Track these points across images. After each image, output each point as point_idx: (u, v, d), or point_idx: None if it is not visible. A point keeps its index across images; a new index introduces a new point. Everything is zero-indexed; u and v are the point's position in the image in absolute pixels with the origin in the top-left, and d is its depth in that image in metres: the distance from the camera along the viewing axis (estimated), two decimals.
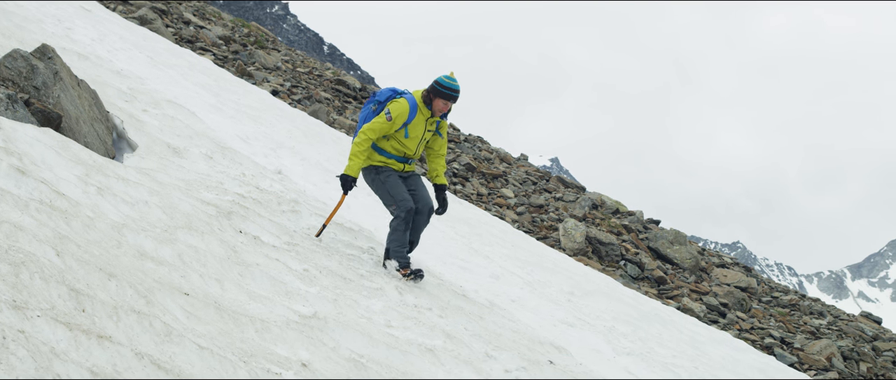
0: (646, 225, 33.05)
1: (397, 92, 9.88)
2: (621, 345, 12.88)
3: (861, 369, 25.16)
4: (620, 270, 26.11)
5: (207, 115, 15.65)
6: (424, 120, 9.71)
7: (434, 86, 9.56)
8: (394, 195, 9.66)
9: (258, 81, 31.12)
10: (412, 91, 9.85)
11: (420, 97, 9.67)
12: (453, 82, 9.55)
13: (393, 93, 9.87)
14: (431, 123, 9.81)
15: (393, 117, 9.49)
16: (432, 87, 9.57)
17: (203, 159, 11.18)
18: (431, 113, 9.69)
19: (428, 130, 9.82)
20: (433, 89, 9.55)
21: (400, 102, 9.59)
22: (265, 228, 9.21)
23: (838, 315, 32.91)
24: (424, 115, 9.68)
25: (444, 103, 9.58)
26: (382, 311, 8.30)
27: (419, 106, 9.64)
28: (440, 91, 9.51)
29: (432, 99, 9.59)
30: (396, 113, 9.50)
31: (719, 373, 14.06)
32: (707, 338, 17.95)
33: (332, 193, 14.42)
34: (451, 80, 9.55)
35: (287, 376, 5.47)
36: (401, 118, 9.53)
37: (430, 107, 9.65)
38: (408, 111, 9.55)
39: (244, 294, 6.88)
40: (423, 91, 9.68)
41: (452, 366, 7.56)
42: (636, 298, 19.63)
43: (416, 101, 9.65)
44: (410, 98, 9.67)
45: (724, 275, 29.96)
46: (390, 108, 9.55)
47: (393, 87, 10.00)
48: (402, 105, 9.55)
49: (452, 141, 36.33)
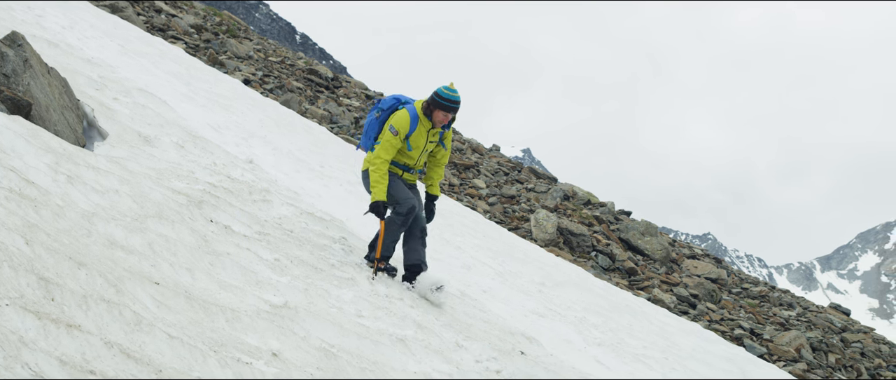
0: (617, 216, 33.13)
1: (400, 101, 9.80)
2: (592, 336, 12.92)
3: (829, 360, 25.32)
4: (591, 261, 26.18)
5: (179, 103, 15.58)
6: (426, 131, 9.59)
7: (434, 97, 9.43)
8: (395, 195, 9.56)
9: (230, 70, 31.03)
10: (415, 101, 9.75)
11: (421, 108, 9.55)
12: (453, 94, 9.41)
13: (395, 101, 9.79)
14: (433, 134, 9.68)
15: (398, 131, 9.40)
16: (432, 99, 9.44)
17: (174, 148, 11.14)
18: (432, 124, 9.58)
19: (430, 141, 9.70)
20: (433, 101, 9.43)
21: (400, 114, 9.48)
22: (236, 218, 9.19)
23: (807, 307, 33.09)
24: (425, 126, 9.56)
25: (444, 115, 9.45)
26: (353, 301, 8.29)
27: (420, 117, 9.52)
28: (440, 102, 9.38)
29: (432, 110, 9.47)
30: (399, 125, 9.41)
31: (688, 363, 14.12)
32: (677, 329, 18.03)
33: (304, 182, 14.38)
34: (450, 91, 9.41)
35: (257, 365, 5.47)
36: (404, 130, 9.43)
37: (430, 118, 9.54)
38: (409, 123, 9.44)
39: (215, 283, 6.86)
40: (423, 102, 9.58)
41: (423, 356, 7.56)
42: (607, 289, 19.70)
43: (416, 112, 9.53)
44: (411, 109, 9.54)
45: (695, 266, 30.09)
46: (392, 122, 9.45)
47: (396, 95, 9.93)
48: (403, 117, 9.44)
49: None
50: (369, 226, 13.13)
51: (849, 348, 27.97)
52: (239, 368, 5.28)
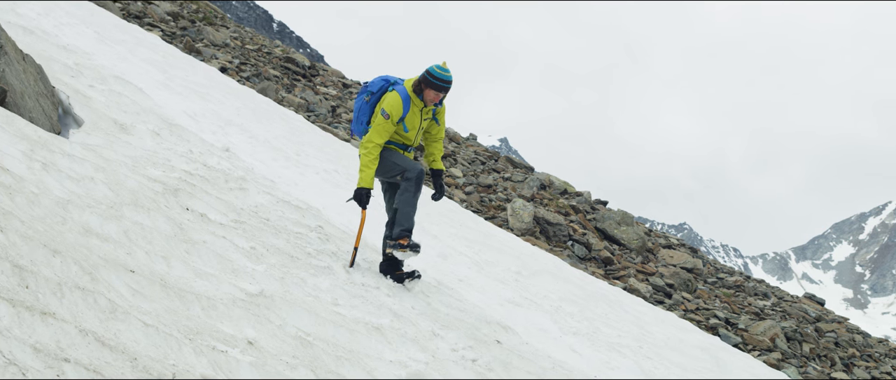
0: (593, 206, 33.20)
1: (388, 81, 9.70)
2: (568, 325, 12.95)
3: (804, 350, 25.46)
4: (568, 251, 26.24)
5: (155, 91, 15.54)
6: (419, 110, 9.50)
7: (425, 76, 9.32)
8: (399, 163, 9.47)
9: (206, 58, 30.93)
10: (404, 80, 9.64)
11: (411, 87, 9.44)
12: (445, 73, 9.31)
13: (384, 83, 9.69)
14: (426, 111, 9.60)
15: (390, 115, 9.26)
16: (423, 78, 9.34)
17: (150, 136, 11.11)
18: (424, 103, 9.49)
19: (424, 118, 9.61)
20: (424, 80, 9.32)
21: (392, 97, 9.35)
22: (212, 206, 9.17)
23: (782, 296, 33.27)
24: (417, 106, 9.47)
25: (435, 94, 9.34)
26: (330, 289, 8.30)
27: (411, 98, 9.41)
28: (431, 82, 9.27)
29: (423, 89, 9.37)
30: (391, 108, 9.28)
31: (663, 352, 14.18)
32: (652, 318, 18.09)
33: (280, 170, 14.37)
34: (442, 70, 9.31)
35: (233, 353, 5.46)
36: (396, 114, 9.30)
37: (421, 97, 9.44)
38: (401, 106, 9.32)
39: (190, 272, 6.85)
40: (414, 81, 9.47)
41: (399, 345, 7.57)
42: (583, 278, 19.74)
43: (407, 92, 9.40)
44: (402, 91, 9.41)
45: (671, 256, 30.19)
46: (384, 106, 9.32)
47: (384, 77, 9.82)
48: (395, 101, 9.31)
49: None
50: (345, 215, 13.12)
51: (823, 337, 28.13)
52: (214, 356, 5.28)
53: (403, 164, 9.45)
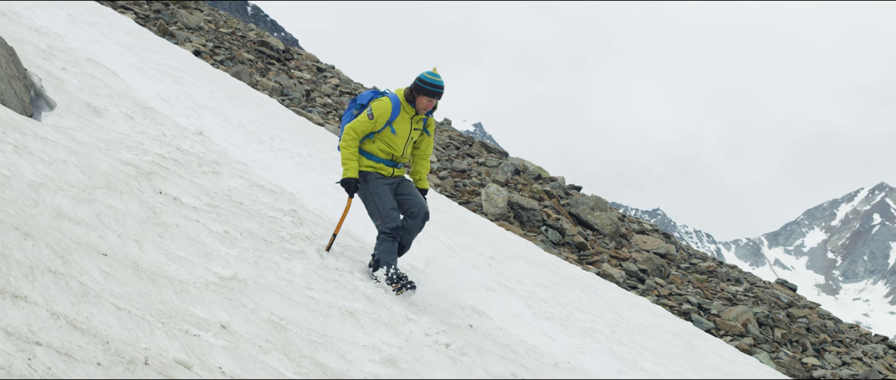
0: (567, 191, 33.28)
1: (379, 93, 9.61)
2: (541, 309, 12.98)
3: (776, 335, 25.62)
4: (541, 236, 26.29)
5: (128, 74, 15.46)
6: (409, 118, 9.38)
7: (416, 82, 9.23)
8: (380, 210, 9.33)
9: (180, 41, 30.80)
10: (395, 90, 9.52)
11: (403, 95, 9.35)
12: (436, 78, 9.21)
13: (375, 94, 9.61)
14: (417, 120, 9.48)
15: (375, 116, 9.18)
16: (415, 85, 9.25)
17: (123, 119, 11.05)
18: (416, 111, 9.37)
19: (414, 128, 9.48)
20: (415, 86, 9.23)
21: (382, 100, 9.29)
22: (185, 189, 9.14)
23: (755, 282, 33.47)
24: (408, 113, 9.35)
25: (427, 100, 9.23)
26: (303, 273, 8.29)
27: (403, 104, 9.32)
28: (423, 88, 9.18)
29: (415, 96, 9.26)
30: (379, 112, 9.20)
31: (636, 337, 14.23)
32: (626, 303, 18.16)
33: (254, 154, 14.33)
34: (433, 76, 9.21)
35: (206, 337, 5.45)
36: (384, 116, 9.22)
37: (413, 104, 9.33)
38: (390, 109, 9.24)
39: (163, 255, 6.83)
40: (405, 89, 9.38)
41: (373, 329, 7.57)
42: (556, 263, 19.79)
43: (398, 99, 9.33)
44: (393, 96, 9.35)
45: (644, 241, 30.29)
46: (372, 106, 9.26)
47: (375, 89, 9.76)
48: (385, 103, 9.25)
49: None
50: (319, 199, 13.11)
51: (794, 323, 28.32)
52: (187, 340, 5.27)
53: (383, 210, 9.33)
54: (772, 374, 17.99)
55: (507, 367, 8.40)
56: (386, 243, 9.32)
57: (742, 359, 17.77)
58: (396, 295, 9.06)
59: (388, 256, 9.29)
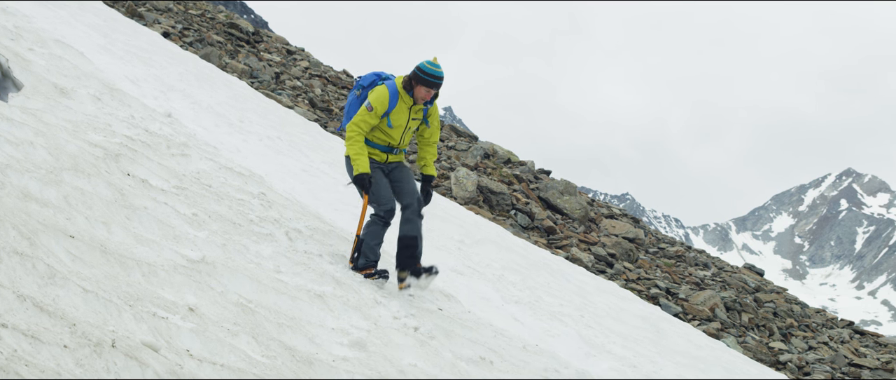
0: (537, 175, 33.33)
1: (380, 77, 9.51)
2: (510, 293, 13.01)
3: (743, 320, 25.77)
4: (510, 220, 26.33)
5: (96, 55, 15.37)
6: (407, 108, 9.22)
7: (415, 72, 9.07)
8: (376, 194, 9.21)
9: (149, 23, 30.64)
10: (396, 77, 9.38)
11: (401, 84, 9.19)
12: (436, 68, 9.03)
13: (376, 78, 9.50)
14: (416, 110, 9.31)
15: (374, 107, 9.04)
16: (413, 74, 9.08)
17: (91, 101, 10.99)
18: (414, 101, 9.21)
19: (412, 118, 9.31)
20: (414, 76, 9.07)
21: (379, 89, 9.13)
22: (154, 172, 9.10)
23: (722, 267, 33.63)
24: (406, 103, 9.18)
25: (426, 91, 9.07)
26: (272, 256, 8.28)
27: (401, 94, 9.14)
28: (421, 78, 9.02)
29: (414, 86, 9.11)
30: (377, 102, 9.05)
31: (604, 321, 14.29)
32: (594, 287, 18.23)
33: (223, 136, 14.28)
34: (433, 66, 9.04)
35: (173, 320, 5.44)
36: (382, 107, 9.07)
37: (411, 94, 9.18)
38: (388, 99, 9.08)
39: (131, 238, 6.80)
40: (404, 77, 9.23)
41: (342, 312, 7.58)
42: (526, 247, 19.83)
43: (397, 88, 9.16)
44: (391, 85, 9.18)
45: (613, 226, 30.38)
46: (370, 97, 9.11)
47: (376, 72, 9.62)
48: (382, 93, 9.09)
49: (345, 87, 36.17)
50: (288, 182, 13.09)
51: (762, 307, 28.48)
52: (155, 322, 5.25)
53: (378, 195, 9.22)
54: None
55: (476, 350, 8.41)
56: (374, 227, 9.25)
57: (709, 343, 17.88)
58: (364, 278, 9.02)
59: (372, 239, 9.23)
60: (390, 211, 9.21)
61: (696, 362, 14.29)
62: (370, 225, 9.25)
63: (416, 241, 9.35)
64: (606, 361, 11.23)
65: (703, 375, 13.34)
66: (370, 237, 9.23)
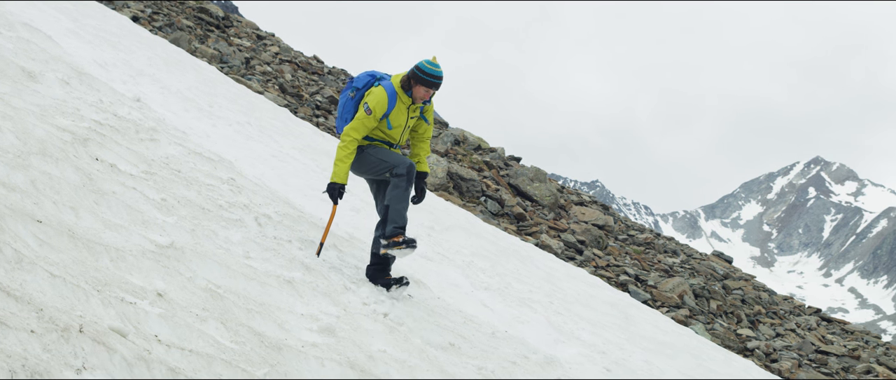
0: (507, 162, 33.37)
1: (375, 77, 9.30)
2: (479, 280, 13.03)
3: (711, 307, 25.91)
4: (480, 206, 26.36)
5: (65, 39, 15.28)
6: (405, 108, 9.11)
7: (414, 72, 8.92)
8: (387, 160, 9.05)
9: (118, 7, 30.47)
10: (391, 76, 9.26)
11: (399, 84, 9.06)
12: (436, 68, 8.90)
13: (371, 78, 9.29)
14: (414, 109, 9.19)
15: (372, 110, 8.89)
16: (412, 73, 8.94)
17: (59, 85, 10.92)
18: (412, 100, 9.09)
19: (411, 117, 9.21)
20: (413, 75, 8.93)
21: (377, 92, 8.97)
22: (122, 156, 9.05)
23: (691, 254, 33.80)
24: (405, 102, 9.07)
25: (425, 91, 8.95)
26: (241, 242, 8.26)
27: (398, 94, 9.02)
28: (421, 77, 8.89)
29: (413, 85, 8.98)
30: (376, 105, 8.90)
31: (573, 307, 14.33)
32: (563, 274, 18.27)
33: (192, 121, 14.24)
34: (432, 65, 8.90)
35: (142, 305, 5.42)
36: (380, 109, 8.93)
37: (410, 93, 9.05)
38: (386, 101, 8.94)
39: (99, 222, 6.77)
40: (402, 76, 9.09)
41: (311, 298, 7.57)
42: (495, 233, 19.86)
43: (394, 88, 9.02)
44: (388, 86, 9.02)
45: (583, 213, 30.47)
46: (368, 100, 8.95)
47: (370, 72, 9.41)
48: (380, 96, 8.93)
49: (316, 73, 36.08)
50: (258, 167, 13.06)
51: (730, 294, 28.66)
52: (123, 307, 5.23)
53: (390, 159, 9.04)
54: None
55: (445, 336, 8.43)
56: (399, 190, 8.98)
57: (677, 330, 17.96)
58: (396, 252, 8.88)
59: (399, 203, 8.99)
60: (412, 166, 9.00)
61: (664, 349, 14.35)
62: (395, 187, 8.99)
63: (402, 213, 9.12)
64: (575, 347, 11.27)
65: (670, 361, 13.41)
66: (397, 200, 8.99)
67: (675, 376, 12.33)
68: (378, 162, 9.09)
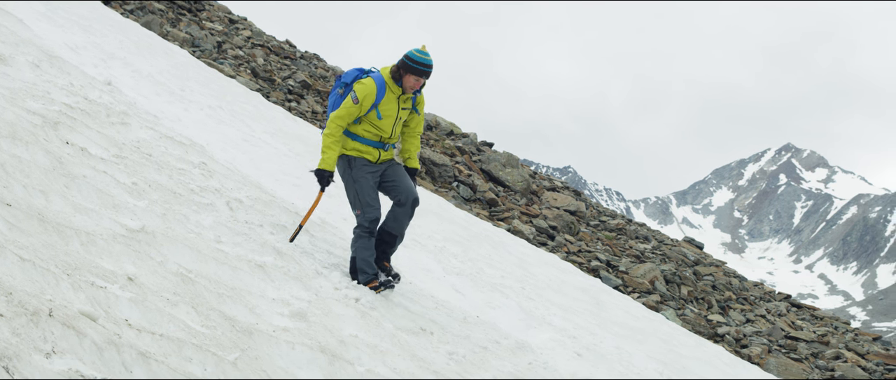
0: (479, 147, 33.40)
1: (364, 72, 9.18)
2: (451, 265, 13.05)
3: (682, 293, 26.02)
4: (453, 192, 26.38)
5: (35, 22, 15.18)
6: (396, 98, 8.98)
7: (404, 60, 8.81)
8: (361, 199, 8.97)
9: None
10: (380, 68, 9.13)
11: (389, 74, 8.94)
12: (425, 56, 8.79)
13: (359, 72, 9.19)
14: (405, 100, 9.07)
15: (360, 99, 8.76)
16: (402, 63, 8.82)
17: (29, 68, 10.85)
18: (402, 90, 8.97)
19: (402, 108, 9.07)
20: (403, 65, 8.81)
21: (365, 81, 8.86)
22: (93, 140, 9.02)
23: (663, 240, 33.92)
24: (395, 92, 8.95)
25: (415, 80, 8.82)
26: (213, 226, 8.25)
27: (388, 83, 8.91)
28: (410, 66, 8.75)
29: (402, 75, 8.86)
30: (363, 94, 8.77)
31: (545, 293, 14.37)
32: (535, 260, 18.31)
33: (164, 105, 14.18)
34: (422, 54, 8.79)
35: (112, 289, 5.41)
36: (369, 99, 8.81)
37: (400, 84, 8.93)
38: (375, 91, 8.82)
39: (70, 206, 6.75)
40: (392, 67, 8.98)
41: (282, 283, 7.57)
42: (467, 219, 19.88)
43: (383, 78, 8.92)
44: (377, 76, 8.94)
45: (555, 198, 30.52)
46: (356, 88, 8.82)
47: (359, 68, 9.28)
48: (368, 85, 8.82)
49: (288, 57, 35.98)
50: (229, 151, 13.02)
51: (701, 280, 28.78)
52: (93, 291, 5.22)
53: (364, 199, 8.98)
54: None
55: (417, 321, 8.45)
56: (362, 240, 8.95)
57: (648, 315, 18.03)
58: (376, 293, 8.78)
59: (364, 252, 8.95)
60: (375, 220, 8.96)
61: (635, 334, 14.41)
62: (357, 240, 8.98)
63: (395, 240, 9.19)
64: (546, 332, 11.30)
65: (641, 346, 13.46)
66: (360, 251, 8.96)
67: (643, 359, 12.38)
68: (353, 194, 9.03)
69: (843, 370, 23.73)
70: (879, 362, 25.98)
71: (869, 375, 24.48)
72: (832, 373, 23.71)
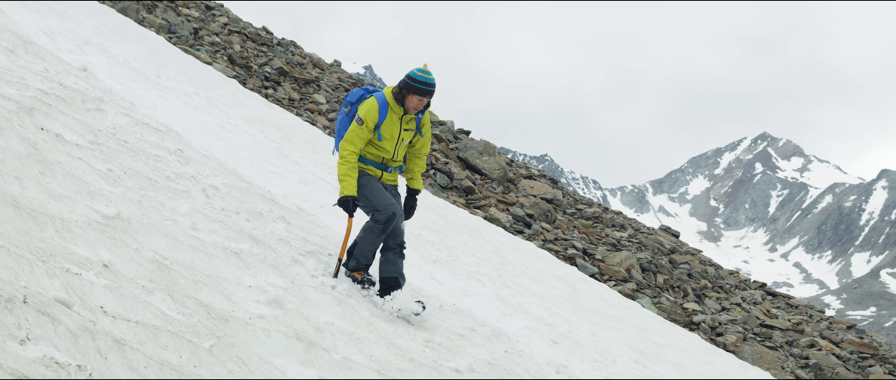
0: (456, 135, 33.39)
1: (368, 91, 9.13)
2: (428, 253, 13.06)
3: (658, 281, 26.10)
4: (429, 179, 26.36)
5: (9, 8, 15.09)
6: (398, 119, 8.89)
7: (406, 80, 8.71)
8: (375, 201, 8.79)
9: None
10: (384, 88, 9.01)
11: (390, 94, 8.86)
12: (427, 76, 8.70)
13: (364, 92, 9.13)
14: (408, 120, 8.98)
15: (364, 120, 8.70)
16: (404, 83, 8.73)
17: (4, 53, 10.79)
18: (405, 110, 8.87)
19: (405, 129, 8.98)
20: (405, 84, 8.72)
21: (368, 102, 8.80)
22: (68, 126, 8.97)
23: (639, 228, 34.02)
24: (397, 113, 8.86)
25: (418, 100, 8.72)
26: (188, 213, 8.22)
27: (390, 104, 8.81)
28: (412, 86, 8.66)
29: (405, 95, 8.76)
30: (367, 115, 8.72)
31: (521, 281, 14.39)
32: (512, 248, 18.34)
33: (140, 92, 14.13)
34: (424, 73, 8.70)
35: (87, 276, 5.39)
36: (372, 119, 8.73)
37: (402, 104, 8.83)
38: (377, 111, 8.74)
39: (44, 193, 6.71)
40: (394, 87, 8.90)
41: (258, 270, 7.57)
42: (444, 207, 19.89)
43: (386, 99, 8.83)
44: (380, 96, 8.85)
45: (531, 186, 30.56)
46: (360, 111, 8.77)
47: (364, 87, 9.25)
48: (371, 105, 8.75)
49: (265, 44, 35.87)
50: (205, 138, 12.99)
51: (677, 269, 28.88)
52: (68, 278, 5.20)
53: (377, 200, 8.81)
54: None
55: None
56: (371, 233, 8.86)
57: (624, 303, 18.09)
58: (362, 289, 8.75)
59: (368, 245, 8.88)
60: (392, 217, 8.79)
61: (611, 322, 14.46)
62: (368, 229, 8.89)
63: (398, 281, 8.97)
64: (522, 320, 11.33)
65: (617, 333, 13.51)
66: (366, 242, 8.90)
67: (619, 347, 12.42)
68: (365, 200, 8.86)
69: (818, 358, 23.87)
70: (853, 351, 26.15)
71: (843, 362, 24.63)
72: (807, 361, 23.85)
